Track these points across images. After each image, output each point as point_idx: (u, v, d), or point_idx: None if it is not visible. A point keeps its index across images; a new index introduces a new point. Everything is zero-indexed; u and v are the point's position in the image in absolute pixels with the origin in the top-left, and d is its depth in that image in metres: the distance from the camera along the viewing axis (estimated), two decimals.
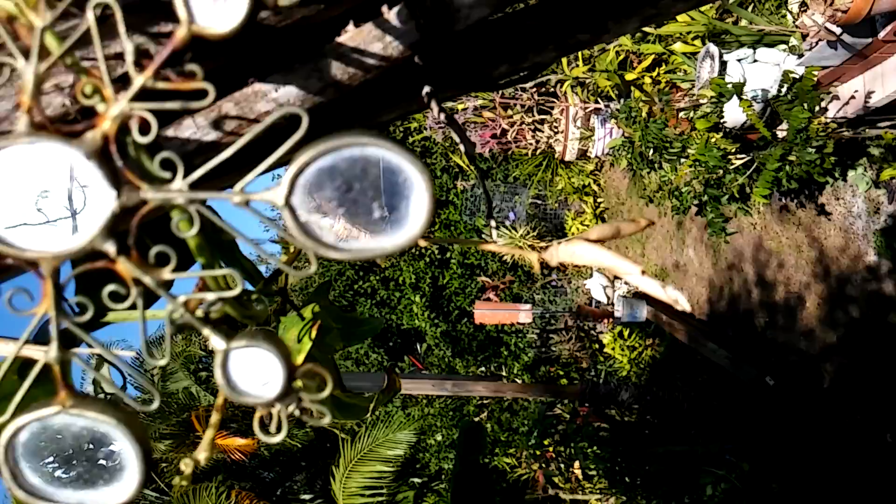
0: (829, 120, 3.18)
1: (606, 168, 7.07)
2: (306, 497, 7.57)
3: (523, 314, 6.65)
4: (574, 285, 7.37)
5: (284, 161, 0.35)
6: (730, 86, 2.91)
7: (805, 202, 4.03)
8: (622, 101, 4.75)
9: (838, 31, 2.99)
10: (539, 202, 7.67)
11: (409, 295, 8.32)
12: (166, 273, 0.34)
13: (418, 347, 8.62)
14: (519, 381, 7.03)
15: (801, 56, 3.40)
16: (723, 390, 4.68)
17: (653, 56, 4.72)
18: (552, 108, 5.95)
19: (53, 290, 0.35)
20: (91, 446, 0.37)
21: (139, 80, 0.31)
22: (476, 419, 7.61)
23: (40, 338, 0.38)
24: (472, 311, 7.31)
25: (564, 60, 5.32)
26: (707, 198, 3.43)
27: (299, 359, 0.67)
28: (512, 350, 7.54)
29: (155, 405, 0.38)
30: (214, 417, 0.47)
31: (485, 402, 7.66)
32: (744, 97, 2.97)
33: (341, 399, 0.66)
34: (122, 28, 0.33)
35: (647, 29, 4.63)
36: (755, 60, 3.59)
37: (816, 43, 3.17)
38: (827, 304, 3.91)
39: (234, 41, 0.50)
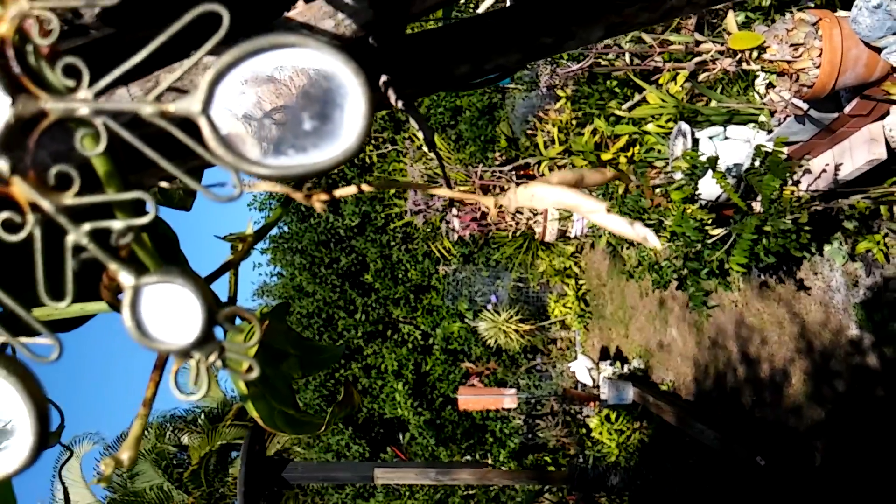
0: (802, 191, 3.23)
1: (587, 249, 7.11)
2: None
3: (508, 399, 6.53)
4: (559, 369, 7.29)
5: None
6: (703, 158, 2.96)
7: (784, 278, 4.05)
8: None
9: (805, 106, 3.08)
10: (521, 285, 7.68)
11: (392, 383, 8.18)
12: (68, 198, 0.30)
13: (401, 437, 8.41)
14: (505, 469, 6.83)
15: (770, 132, 3.49)
16: (714, 472, 4.56)
17: (626, 136, 4.83)
18: None
19: None
20: None
21: None
22: None
23: None
24: (456, 397, 7.18)
25: (541, 142, 5.43)
26: (687, 271, 3.44)
27: (243, 366, 0.62)
28: (497, 437, 7.37)
29: None
30: (142, 410, 0.42)
31: (470, 492, 7.41)
32: (718, 170, 3.03)
33: (294, 417, 0.62)
34: None
35: (619, 112, 4.76)
36: (726, 137, 3.68)
37: (784, 118, 3.26)
38: (813, 379, 3.87)
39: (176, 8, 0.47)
